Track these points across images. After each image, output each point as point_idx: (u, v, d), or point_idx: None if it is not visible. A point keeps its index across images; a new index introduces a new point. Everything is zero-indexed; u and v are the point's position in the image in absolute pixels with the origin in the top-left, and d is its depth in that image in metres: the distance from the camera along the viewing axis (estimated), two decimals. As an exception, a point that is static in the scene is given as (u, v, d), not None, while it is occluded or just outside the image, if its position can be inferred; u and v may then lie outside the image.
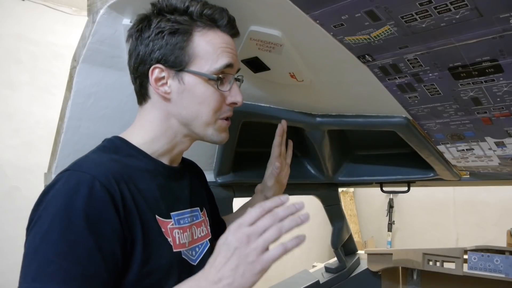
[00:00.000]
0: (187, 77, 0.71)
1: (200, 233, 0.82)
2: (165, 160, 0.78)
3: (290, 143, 1.17)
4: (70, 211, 0.58)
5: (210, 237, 0.86)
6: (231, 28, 0.75)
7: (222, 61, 0.72)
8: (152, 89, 0.74)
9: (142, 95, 0.77)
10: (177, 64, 0.71)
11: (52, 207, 0.59)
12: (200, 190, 0.92)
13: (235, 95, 0.75)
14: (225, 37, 0.74)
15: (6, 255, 0.60)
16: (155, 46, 0.71)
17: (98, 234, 0.58)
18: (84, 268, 0.56)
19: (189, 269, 0.76)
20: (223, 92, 0.74)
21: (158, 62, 0.71)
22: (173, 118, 0.74)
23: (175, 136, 0.76)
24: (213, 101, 0.73)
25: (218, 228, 1.01)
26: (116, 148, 0.73)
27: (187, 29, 0.70)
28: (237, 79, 0.79)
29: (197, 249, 0.79)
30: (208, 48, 0.71)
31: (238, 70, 0.79)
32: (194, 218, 0.82)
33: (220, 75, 0.72)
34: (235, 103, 0.76)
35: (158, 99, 0.74)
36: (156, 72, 0.72)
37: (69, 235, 0.56)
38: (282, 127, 1.09)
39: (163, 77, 0.72)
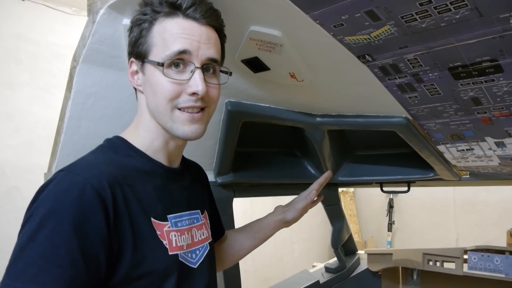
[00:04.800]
0: (147, 68, 0.71)
1: (200, 236, 0.81)
2: (163, 159, 0.77)
3: (321, 197, 1.21)
4: (58, 213, 0.58)
5: (210, 240, 0.85)
6: (194, 12, 0.70)
7: (173, 47, 0.68)
8: None
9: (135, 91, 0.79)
10: (141, 55, 0.71)
11: (42, 207, 0.59)
12: (201, 193, 0.91)
13: (193, 84, 0.69)
14: (185, 23, 0.69)
15: (6, 255, 0.59)
16: (128, 41, 0.74)
17: (83, 238, 0.58)
18: (65, 271, 0.56)
19: (189, 272, 0.75)
20: (178, 80, 0.69)
21: (130, 55, 0.74)
22: (148, 110, 0.75)
23: (158, 130, 0.75)
24: (165, 90, 0.69)
25: (215, 234, 0.99)
26: (115, 148, 0.73)
27: (149, 20, 0.70)
28: (222, 71, 0.76)
29: (197, 252, 0.79)
30: (165, 35, 0.69)
31: (214, 60, 0.72)
32: (195, 221, 0.81)
33: (168, 61, 0.68)
34: (195, 93, 0.69)
35: (139, 93, 0.76)
36: (132, 66, 0.74)
37: (54, 237, 0.57)
38: (330, 173, 1.17)
39: (137, 71, 0.74)
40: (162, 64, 0.68)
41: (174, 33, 0.69)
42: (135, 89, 0.77)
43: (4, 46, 2.75)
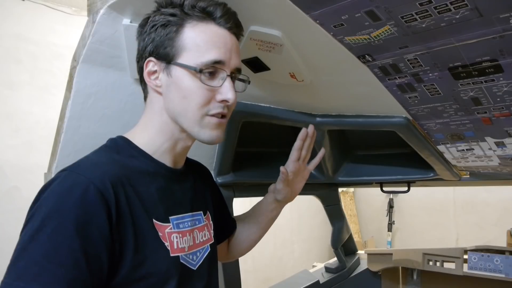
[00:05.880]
0: (175, 70, 0.70)
1: (202, 238, 0.81)
2: (168, 161, 0.76)
3: (322, 151, 1.05)
4: (60, 212, 0.58)
5: (212, 241, 0.85)
6: (227, 21, 0.71)
7: (210, 56, 0.68)
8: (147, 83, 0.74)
9: (143, 91, 0.77)
10: (167, 56, 0.70)
11: (45, 206, 0.59)
12: (204, 193, 0.90)
13: (225, 92, 0.70)
14: (219, 31, 0.70)
15: (6, 255, 0.59)
16: (149, 40, 0.72)
17: (85, 238, 0.58)
18: (67, 271, 0.56)
19: (189, 274, 0.75)
20: (212, 87, 0.69)
21: (150, 55, 0.72)
22: (165, 113, 0.73)
23: (172, 132, 0.74)
24: (199, 96, 0.69)
25: (223, 230, 1.00)
26: (118, 148, 0.73)
27: (178, 22, 0.69)
28: (241, 79, 0.77)
29: (198, 253, 0.78)
30: (197, 40, 0.68)
31: (239, 69, 0.75)
32: (197, 222, 0.81)
33: (204, 68, 0.68)
34: (226, 101, 0.71)
35: (153, 94, 0.74)
36: (149, 65, 0.72)
37: (56, 237, 0.56)
38: (306, 131, 0.98)
39: (155, 71, 0.72)
40: (200, 71, 0.68)
41: (209, 40, 0.69)
42: (144, 89, 0.77)
43: (4, 46, 2.75)
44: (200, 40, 0.69)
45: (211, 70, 0.69)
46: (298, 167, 1.00)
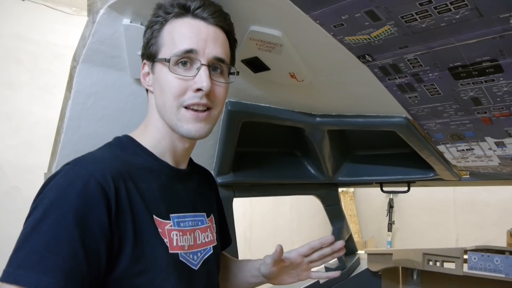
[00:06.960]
0: (156, 67, 0.73)
1: (204, 239, 0.81)
2: (170, 160, 0.77)
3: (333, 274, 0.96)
4: (61, 204, 0.59)
5: (215, 244, 0.84)
6: (202, 12, 0.71)
7: (180, 46, 0.70)
8: None
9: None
10: (151, 55, 0.73)
11: (47, 198, 0.60)
12: (209, 197, 0.90)
13: (199, 80, 0.69)
14: (194, 22, 0.71)
15: (6, 255, 0.60)
16: (143, 44, 0.76)
17: (84, 229, 0.59)
18: (65, 261, 0.57)
19: (189, 273, 0.75)
20: (185, 77, 0.70)
21: (143, 57, 0.76)
22: (156, 110, 0.75)
23: (166, 130, 0.75)
24: (173, 87, 0.70)
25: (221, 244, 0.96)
26: (123, 145, 0.74)
27: (160, 21, 0.72)
28: (232, 73, 0.77)
29: (198, 254, 0.79)
30: (172, 34, 0.71)
31: (220, 59, 0.72)
32: (199, 223, 0.81)
33: (177, 59, 0.69)
34: (200, 89, 0.70)
35: (149, 94, 0.78)
36: (144, 68, 0.76)
37: (56, 228, 0.58)
38: (332, 239, 0.93)
39: (148, 72, 0.76)
40: (168, 60, 0.69)
41: (182, 32, 0.71)
42: (147, 91, 0.79)
43: (4, 46, 2.75)
44: (174, 34, 0.71)
45: (184, 60, 0.70)
46: (299, 262, 0.93)
